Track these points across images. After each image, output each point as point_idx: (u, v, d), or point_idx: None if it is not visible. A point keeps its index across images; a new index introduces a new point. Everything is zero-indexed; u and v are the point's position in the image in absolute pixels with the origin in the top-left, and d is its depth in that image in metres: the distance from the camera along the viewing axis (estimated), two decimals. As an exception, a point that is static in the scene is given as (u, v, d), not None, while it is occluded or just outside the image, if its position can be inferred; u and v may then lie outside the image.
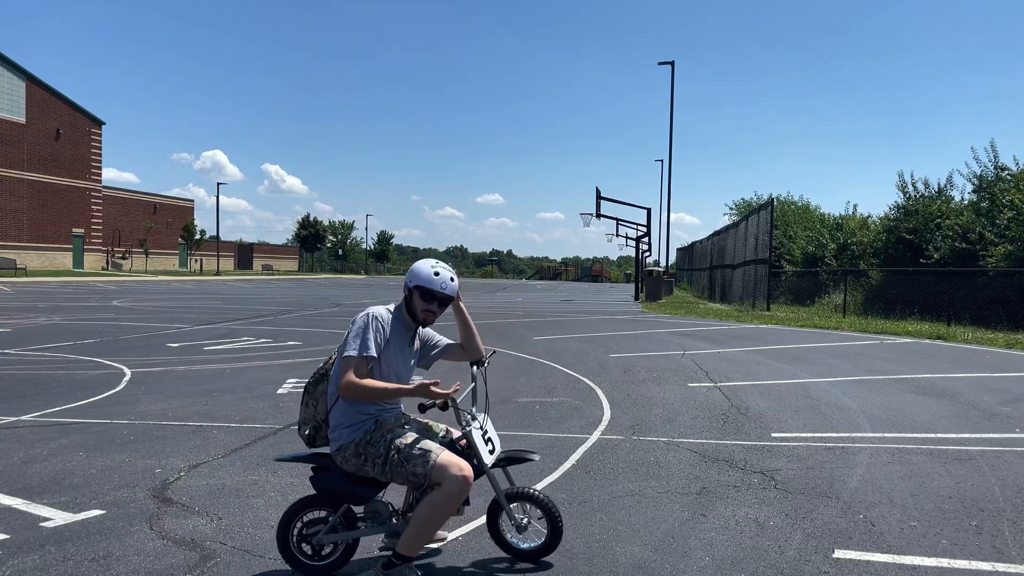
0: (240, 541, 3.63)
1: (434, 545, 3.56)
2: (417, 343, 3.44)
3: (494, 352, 3.68)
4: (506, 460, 3.42)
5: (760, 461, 5.23)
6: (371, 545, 3.58)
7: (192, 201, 67.44)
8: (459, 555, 3.52)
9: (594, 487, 4.60)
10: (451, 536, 3.69)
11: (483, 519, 3.47)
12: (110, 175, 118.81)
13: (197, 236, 61.18)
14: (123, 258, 57.05)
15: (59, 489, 4.39)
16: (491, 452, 3.29)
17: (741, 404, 7.30)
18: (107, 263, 54.76)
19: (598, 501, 4.33)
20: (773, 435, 6.02)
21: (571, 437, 5.89)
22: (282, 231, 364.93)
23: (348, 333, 3.19)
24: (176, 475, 4.72)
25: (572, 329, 15.61)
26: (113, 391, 7.58)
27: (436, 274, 3.31)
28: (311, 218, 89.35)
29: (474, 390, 3.48)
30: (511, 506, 3.40)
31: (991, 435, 6.09)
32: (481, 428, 3.31)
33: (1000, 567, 3.43)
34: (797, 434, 6.06)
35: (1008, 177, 19.82)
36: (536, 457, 3.50)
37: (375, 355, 3.14)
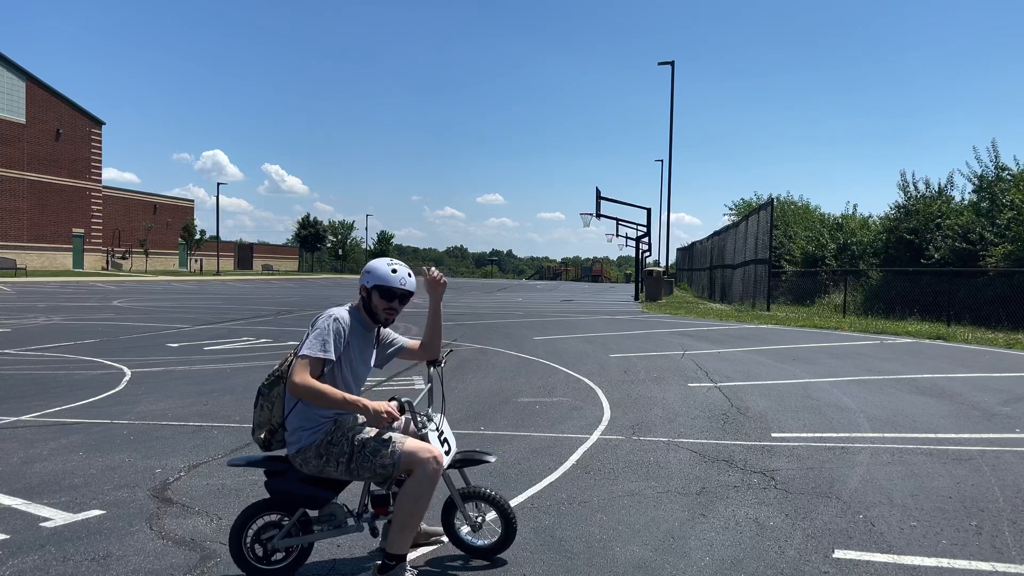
0: (240, 541, 3.63)
1: (431, 547, 3.56)
2: (374, 343, 3.41)
3: (451, 351, 3.67)
4: (462, 461, 3.43)
5: (760, 461, 5.23)
6: (372, 544, 3.58)
7: (192, 201, 67.54)
8: (461, 554, 3.52)
9: (594, 487, 4.60)
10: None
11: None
12: (110, 175, 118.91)
13: (197, 236, 61.20)
14: (123, 258, 57.05)
15: (59, 489, 4.39)
16: (447, 453, 3.28)
17: (741, 404, 7.30)
18: (107, 263, 54.76)
19: (598, 501, 4.33)
20: (773, 435, 6.02)
21: (571, 437, 5.89)
22: (282, 231, 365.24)
23: (308, 333, 3.15)
24: (176, 475, 4.72)
25: (572, 329, 15.61)
26: (113, 391, 7.59)
27: (394, 271, 3.26)
28: (311, 218, 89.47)
29: (431, 390, 3.47)
30: (466, 505, 3.41)
31: (991, 435, 6.10)
32: (437, 429, 3.30)
33: (1000, 567, 3.43)
34: (797, 434, 6.06)
35: (1008, 177, 19.82)
36: (492, 459, 3.49)
37: (333, 358, 3.10)
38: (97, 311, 18.47)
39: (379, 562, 3.14)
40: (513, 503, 4.24)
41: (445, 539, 3.61)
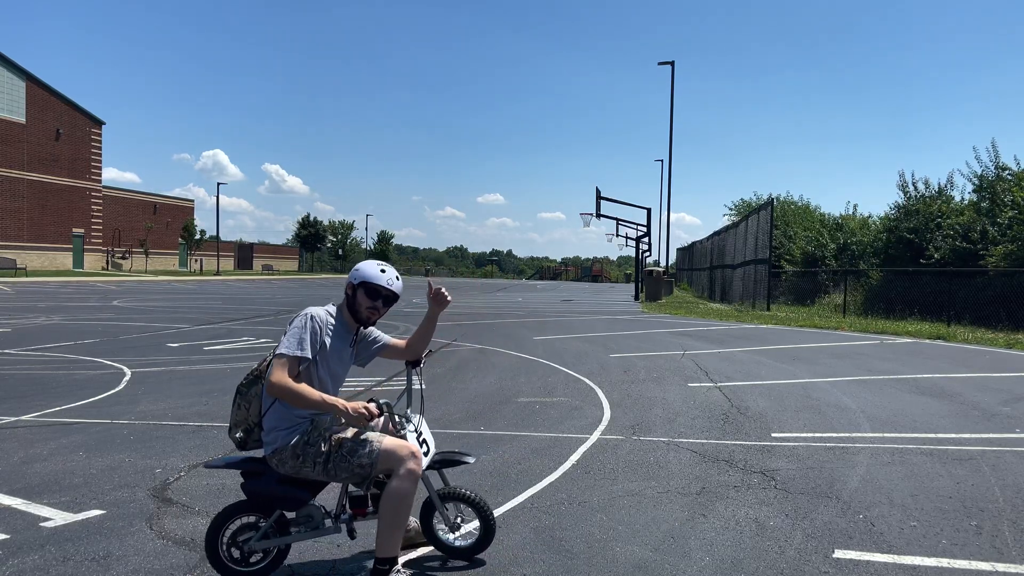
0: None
1: (426, 550, 3.55)
2: (353, 342, 3.39)
3: (431, 352, 3.66)
4: (441, 462, 3.42)
5: (760, 461, 5.22)
6: (372, 544, 3.57)
7: (192, 201, 67.49)
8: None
9: (594, 487, 4.60)
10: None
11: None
12: (110, 175, 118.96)
13: (197, 236, 61.16)
14: (123, 258, 57.04)
15: (59, 489, 4.39)
16: (426, 454, 3.27)
17: (741, 404, 7.30)
18: (107, 263, 54.75)
19: (598, 501, 4.33)
20: (773, 435, 6.02)
21: (571, 437, 5.89)
22: (283, 231, 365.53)
23: (285, 333, 3.15)
24: (176, 475, 4.72)
25: (572, 329, 15.61)
26: (113, 391, 7.58)
27: (382, 271, 3.26)
28: (311, 218, 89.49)
29: (409, 391, 3.46)
30: (445, 505, 3.41)
31: (991, 435, 6.09)
32: (416, 430, 3.29)
33: (1000, 567, 3.43)
34: (797, 434, 6.06)
35: (1009, 177, 19.80)
36: (471, 459, 3.48)
37: (309, 356, 3.09)
38: (97, 311, 18.47)
39: (371, 568, 3.12)
40: (513, 503, 4.25)
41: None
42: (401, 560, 3.26)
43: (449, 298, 3.44)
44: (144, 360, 9.86)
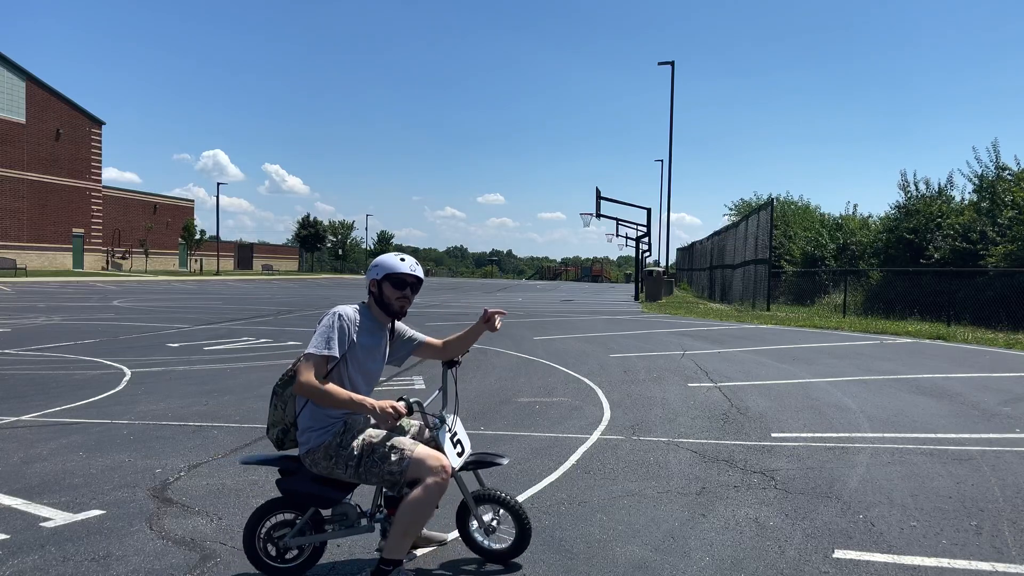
0: (240, 541, 3.62)
1: (431, 547, 3.55)
2: (387, 339, 3.38)
3: (466, 351, 3.66)
4: (475, 463, 3.40)
5: (760, 461, 5.23)
6: (372, 545, 3.58)
7: (192, 201, 67.49)
8: (458, 556, 3.52)
9: (594, 487, 4.60)
10: (450, 537, 3.69)
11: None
12: (111, 175, 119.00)
13: (197, 236, 61.18)
14: (123, 258, 57.05)
15: (59, 489, 4.39)
16: (460, 455, 3.26)
17: (741, 404, 7.30)
18: (107, 263, 54.75)
19: (598, 501, 4.33)
20: (773, 435, 6.02)
21: (571, 437, 5.89)
22: (283, 231, 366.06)
23: (314, 331, 3.15)
24: (176, 475, 4.72)
25: (572, 329, 15.61)
26: (113, 391, 7.59)
27: (402, 260, 3.26)
28: (311, 218, 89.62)
29: (444, 391, 3.45)
30: (479, 508, 3.39)
31: (991, 435, 6.09)
32: (450, 430, 3.27)
33: (1000, 567, 3.43)
34: (797, 434, 6.06)
35: (1009, 177, 19.81)
36: (505, 461, 3.45)
37: (336, 355, 3.08)
38: (97, 311, 18.47)
39: (373, 566, 3.12)
40: (513, 503, 4.24)
41: (447, 541, 3.61)
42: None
43: (499, 326, 3.43)
44: (144, 360, 9.86)
